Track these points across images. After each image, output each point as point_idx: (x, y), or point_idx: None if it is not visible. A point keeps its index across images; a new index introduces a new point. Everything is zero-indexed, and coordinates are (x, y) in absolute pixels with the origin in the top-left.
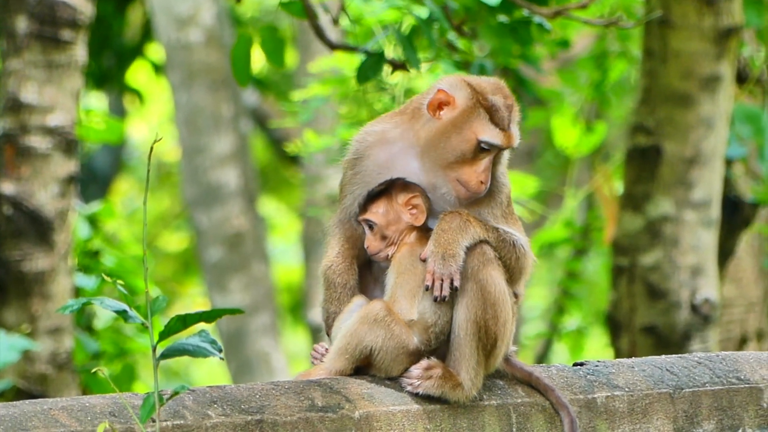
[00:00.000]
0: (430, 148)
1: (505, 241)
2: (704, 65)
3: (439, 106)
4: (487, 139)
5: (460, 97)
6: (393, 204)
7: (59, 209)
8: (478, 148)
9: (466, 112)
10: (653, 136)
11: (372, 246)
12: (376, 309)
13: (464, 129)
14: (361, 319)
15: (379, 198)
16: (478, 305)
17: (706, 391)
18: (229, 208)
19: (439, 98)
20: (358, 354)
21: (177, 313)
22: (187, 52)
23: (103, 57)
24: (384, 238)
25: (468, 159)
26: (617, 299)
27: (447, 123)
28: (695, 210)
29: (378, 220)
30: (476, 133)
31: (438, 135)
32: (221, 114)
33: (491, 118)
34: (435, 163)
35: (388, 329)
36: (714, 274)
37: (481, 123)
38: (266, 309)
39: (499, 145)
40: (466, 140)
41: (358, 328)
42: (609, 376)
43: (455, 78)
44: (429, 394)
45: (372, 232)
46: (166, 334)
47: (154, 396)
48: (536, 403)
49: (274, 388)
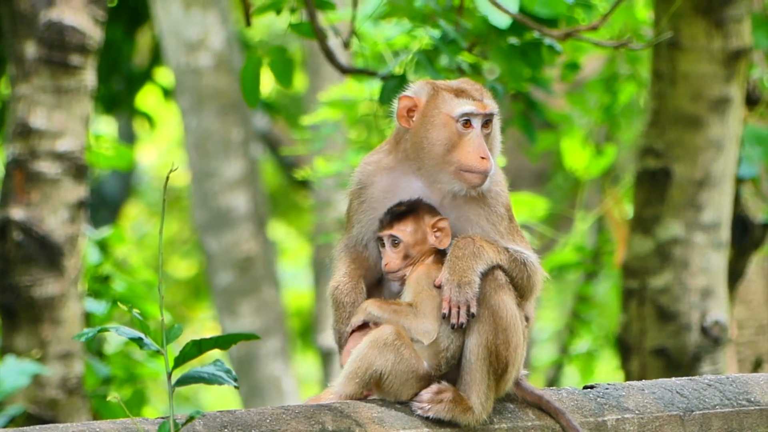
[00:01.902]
0: (420, 155)
1: (516, 261)
2: (713, 87)
3: (407, 113)
4: (461, 110)
5: (423, 94)
6: (421, 224)
7: (69, 234)
8: (459, 126)
9: (432, 103)
10: (663, 158)
11: (392, 264)
12: (386, 333)
13: (437, 117)
14: (370, 343)
15: (406, 217)
16: (489, 330)
17: (717, 414)
18: (239, 233)
19: (404, 105)
20: (368, 378)
21: (192, 339)
22: (197, 76)
23: (113, 81)
24: (406, 257)
25: (456, 143)
26: (627, 322)
27: (420, 123)
28: (705, 232)
29: (405, 237)
30: (449, 112)
31: (419, 138)
32: (231, 138)
33: (457, 95)
34: (432, 168)
35: (397, 353)
36: (724, 296)
37: (450, 102)
38: (277, 333)
39: (475, 111)
40: (443, 125)
41: (368, 352)
42: (619, 398)
43: (415, 83)
44: (439, 417)
45: (395, 250)
46: (181, 360)
47: (169, 422)
48: (547, 426)
49: (284, 412)
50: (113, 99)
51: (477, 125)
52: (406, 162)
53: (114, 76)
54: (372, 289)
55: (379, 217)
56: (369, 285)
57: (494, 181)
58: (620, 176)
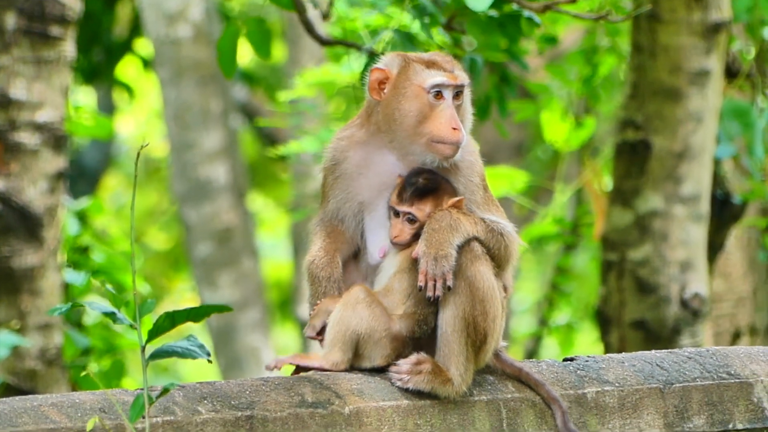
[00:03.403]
0: (391, 127)
1: (493, 232)
2: (693, 60)
3: (379, 85)
4: (432, 81)
5: (394, 66)
6: (440, 205)
7: (48, 205)
8: (431, 97)
9: (404, 74)
10: (642, 130)
11: (402, 237)
12: (355, 292)
13: (408, 88)
14: (344, 306)
15: (427, 196)
16: (467, 302)
17: (697, 386)
18: (218, 204)
19: (376, 77)
20: (348, 340)
21: (165, 311)
22: (176, 47)
23: (92, 52)
24: (417, 235)
25: (428, 114)
26: (607, 294)
27: (391, 95)
28: (684, 204)
29: (423, 218)
30: (420, 83)
31: (390, 110)
32: (210, 109)
33: (428, 66)
34: (404, 140)
35: (370, 309)
36: (703, 269)
37: (421, 73)
38: (256, 304)
39: (446, 82)
40: (414, 96)
41: (343, 314)
42: (599, 371)
43: (386, 55)
44: (419, 389)
45: (409, 225)
46: (154, 333)
47: (143, 395)
48: (526, 398)
49: (264, 383)
50: (93, 70)
51: (448, 96)
52: (378, 135)
53: (94, 47)
54: (348, 263)
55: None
56: (345, 259)
57: (468, 151)
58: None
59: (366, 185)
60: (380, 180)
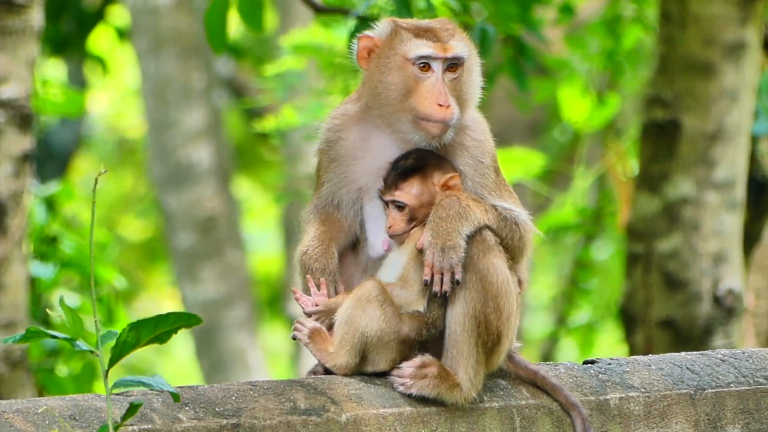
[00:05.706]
0: (377, 101)
1: (506, 220)
2: (727, 31)
3: (368, 54)
4: (417, 52)
5: (382, 33)
6: (428, 184)
7: (13, 190)
8: (416, 69)
9: (389, 43)
10: (671, 109)
11: (396, 227)
12: (368, 288)
13: (392, 58)
14: (355, 303)
15: (411, 176)
16: (478, 298)
17: (731, 392)
18: (201, 190)
19: (364, 45)
20: (358, 343)
21: (130, 322)
22: (155, 16)
23: (62, 22)
24: (412, 219)
25: (413, 88)
26: (632, 290)
27: (376, 65)
28: (718, 191)
29: (411, 201)
30: (404, 53)
31: (374, 83)
32: (192, 85)
33: (417, 35)
34: (390, 116)
35: (382, 309)
36: (738, 262)
37: (407, 43)
38: (242, 301)
39: (433, 54)
40: (398, 67)
41: (353, 312)
42: (623, 375)
43: (380, 21)
44: (423, 395)
45: (400, 213)
46: (118, 353)
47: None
48: (542, 405)
49: (251, 388)
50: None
51: (437, 69)
52: (372, 111)
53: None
54: (345, 254)
55: (354, 175)
56: (341, 249)
57: (477, 129)
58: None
59: (364, 169)
60: (380, 163)
